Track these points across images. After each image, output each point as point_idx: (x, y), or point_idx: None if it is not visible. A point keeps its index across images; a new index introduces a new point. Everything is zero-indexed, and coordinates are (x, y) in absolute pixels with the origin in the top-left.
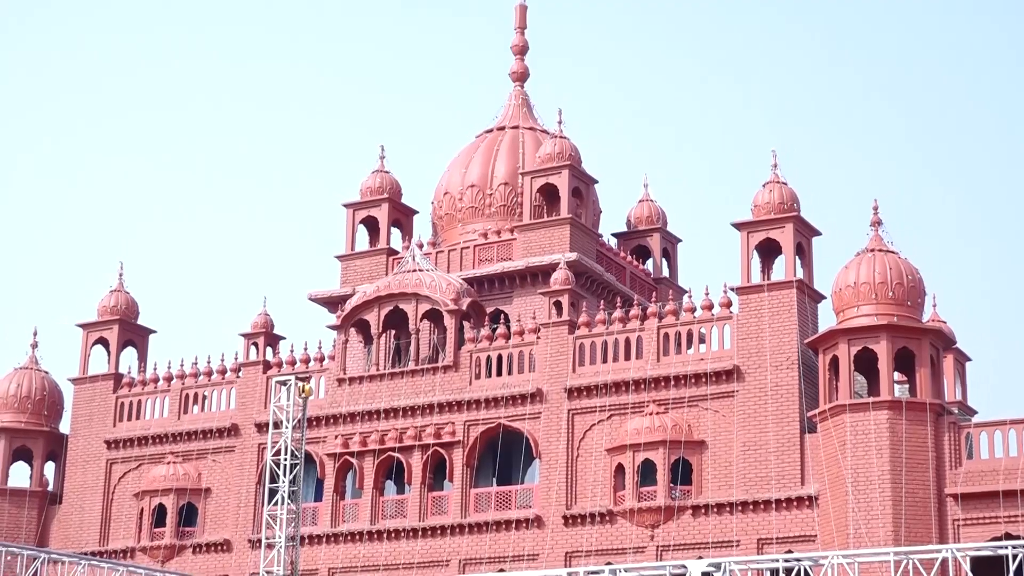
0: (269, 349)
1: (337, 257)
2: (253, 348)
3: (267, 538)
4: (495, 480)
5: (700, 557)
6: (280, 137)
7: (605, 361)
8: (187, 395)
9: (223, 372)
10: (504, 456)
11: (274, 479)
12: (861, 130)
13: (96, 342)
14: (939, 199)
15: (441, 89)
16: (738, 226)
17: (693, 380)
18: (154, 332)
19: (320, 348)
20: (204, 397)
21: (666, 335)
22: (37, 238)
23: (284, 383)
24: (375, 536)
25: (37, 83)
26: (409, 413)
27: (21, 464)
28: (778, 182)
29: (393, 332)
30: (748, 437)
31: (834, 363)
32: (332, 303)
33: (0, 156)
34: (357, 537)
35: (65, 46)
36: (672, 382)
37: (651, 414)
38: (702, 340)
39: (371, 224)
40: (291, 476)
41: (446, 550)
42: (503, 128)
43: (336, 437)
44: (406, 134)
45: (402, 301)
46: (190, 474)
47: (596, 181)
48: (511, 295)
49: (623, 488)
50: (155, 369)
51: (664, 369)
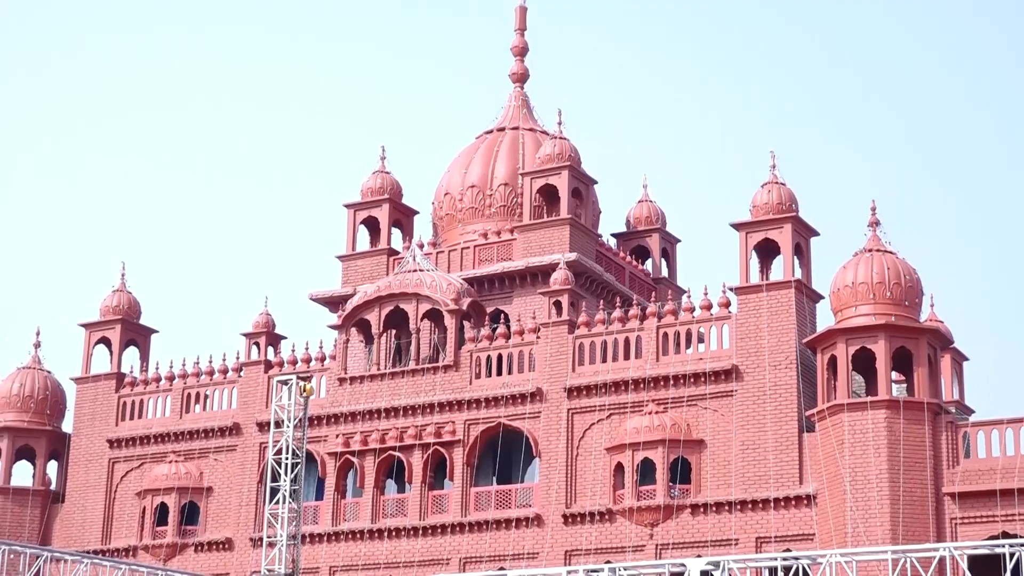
0: (270, 349)
1: (338, 257)
2: (254, 348)
3: (268, 537)
4: (495, 479)
5: (699, 555)
6: (281, 138)
7: (604, 361)
8: (189, 394)
9: (225, 371)
10: (504, 455)
11: (275, 478)
12: (859, 131)
13: (98, 342)
14: (937, 199)
15: (441, 90)
16: (737, 226)
17: (692, 380)
18: (156, 332)
19: (321, 348)
20: (206, 396)
21: (665, 335)
22: (39, 238)
23: (285, 382)
24: (376, 535)
25: (37, 83)
26: (410, 412)
27: (24, 463)
28: (776, 183)
29: (394, 332)
30: (747, 436)
31: (832, 363)
32: (333, 303)
33: (2, 156)
34: (358, 536)
35: (65, 46)
36: (671, 381)
37: (650, 413)
38: (701, 340)
39: (372, 224)
40: (292, 475)
41: (446, 548)
42: (503, 129)
43: (337, 436)
44: (406, 135)
45: (403, 301)
46: (192, 473)
47: (596, 182)
48: (511, 295)
49: (622, 487)
50: (157, 368)
51: (663, 369)
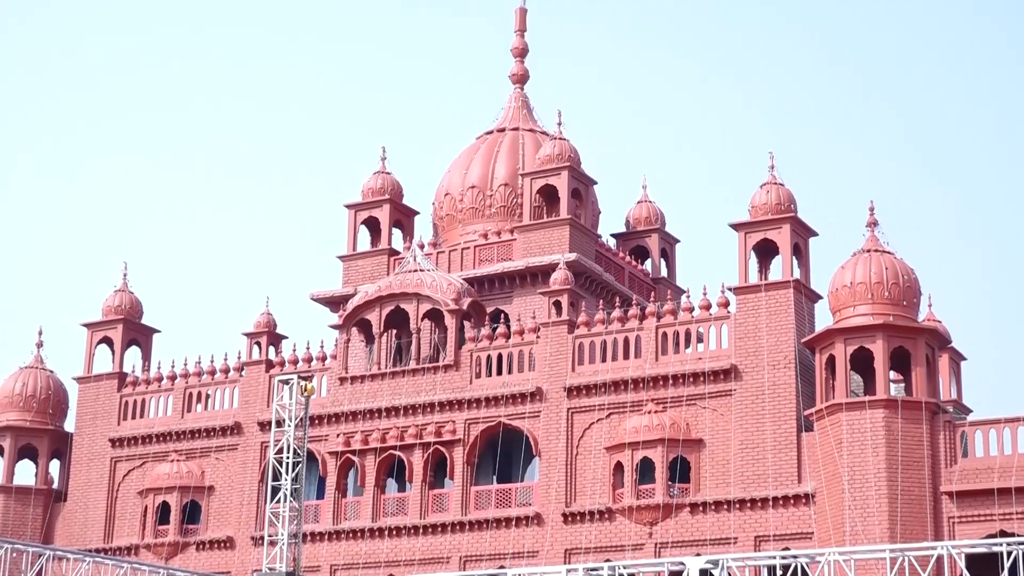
0: (272, 348)
1: (339, 257)
2: (256, 347)
3: (270, 535)
4: (495, 478)
5: (698, 554)
6: (282, 138)
7: (604, 360)
8: (190, 394)
9: (226, 371)
10: (504, 454)
11: (277, 477)
12: (857, 132)
13: (101, 341)
14: (935, 200)
15: (441, 91)
16: (736, 227)
17: (691, 379)
18: (158, 331)
19: (322, 347)
20: (207, 396)
21: (664, 334)
22: (41, 239)
23: (286, 382)
24: (376, 533)
25: (37, 83)
26: (410, 412)
27: (26, 462)
28: (775, 183)
29: (394, 331)
30: (745, 435)
31: (831, 362)
32: (334, 303)
33: (4, 157)
34: (359, 534)
35: (65, 46)
36: (670, 381)
37: (649, 413)
38: (700, 339)
39: (372, 225)
40: (293, 474)
41: (447, 547)
42: (503, 130)
43: (338, 435)
44: (407, 135)
45: (403, 301)
46: (193, 472)
47: (595, 182)
48: (511, 295)
49: (622, 486)
50: (159, 368)
51: (662, 368)
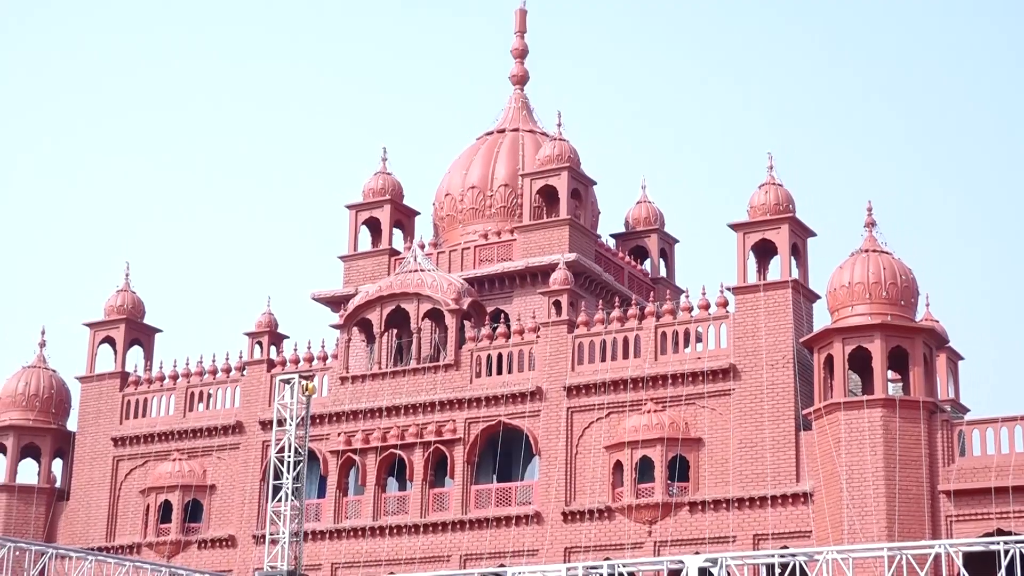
0: (273, 348)
1: (340, 257)
2: (257, 347)
3: (271, 534)
4: (495, 477)
5: (697, 553)
6: (283, 139)
7: (603, 360)
8: (192, 393)
9: (228, 371)
10: (504, 453)
11: (278, 476)
12: (856, 132)
13: (103, 341)
14: (933, 200)
15: (442, 92)
16: (734, 227)
17: (690, 378)
18: (160, 331)
19: (323, 347)
20: (209, 395)
21: (663, 334)
22: (44, 239)
23: (288, 381)
24: (377, 532)
25: (37, 83)
26: (411, 411)
27: (29, 461)
28: (774, 184)
29: (395, 331)
30: (744, 434)
31: (829, 362)
32: (335, 303)
33: (6, 158)
34: (360, 533)
35: (65, 46)
36: (669, 380)
37: (649, 412)
38: (699, 339)
39: (373, 225)
40: (295, 473)
41: (447, 546)
42: (503, 130)
43: (339, 434)
44: (407, 136)
45: (404, 301)
46: (195, 471)
47: (595, 183)
48: (511, 295)
49: (621, 485)
50: (161, 368)
51: (661, 368)
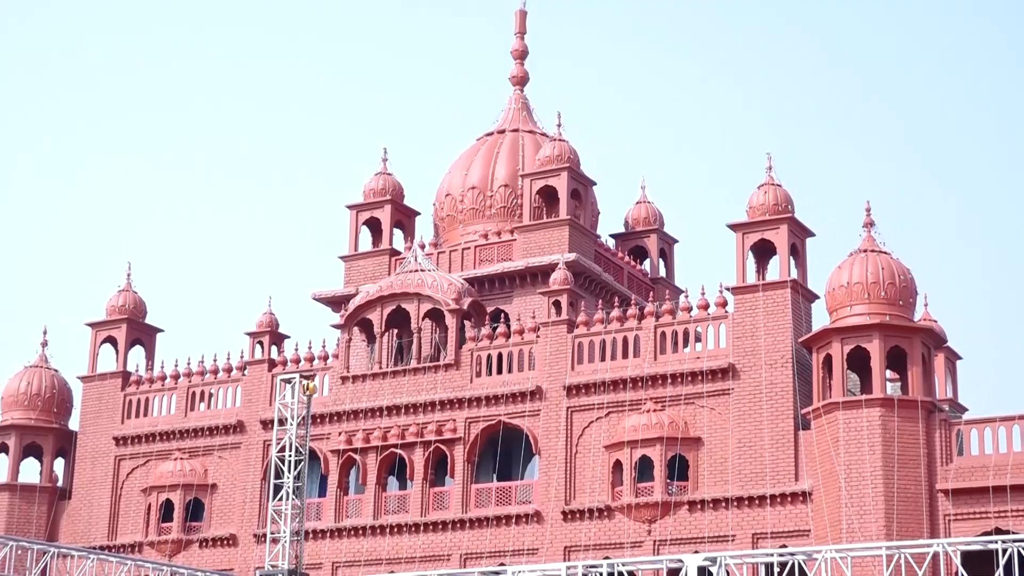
0: (274, 348)
1: (341, 257)
2: (258, 347)
3: (272, 533)
4: (495, 476)
5: (696, 551)
6: (284, 139)
7: (603, 359)
8: (194, 393)
9: (229, 370)
10: (504, 452)
11: (279, 475)
12: (854, 133)
13: (105, 341)
14: (931, 200)
15: (442, 93)
16: (733, 227)
17: (689, 378)
18: (161, 331)
19: (324, 347)
20: (210, 395)
21: (663, 334)
22: (46, 240)
23: (289, 381)
24: (378, 531)
25: (38, 83)
26: (411, 410)
27: (31, 460)
28: (773, 184)
29: (395, 331)
30: (743, 434)
31: (827, 361)
32: (336, 303)
33: (7, 158)
34: (360, 532)
35: (65, 46)
36: (669, 380)
37: (648, 411)
38: (698, 339)
39: (374, 225)
40: (295, 472)
41: (447, 544)
42: (503, 131)
43: (340, 434)
44: (408, 137)
45: (404, 301)
46: (197, 470)
47: (594, 183)
48: (511, 295)
49: (621, 484)
50: (162, 367)
51: (661, 367)
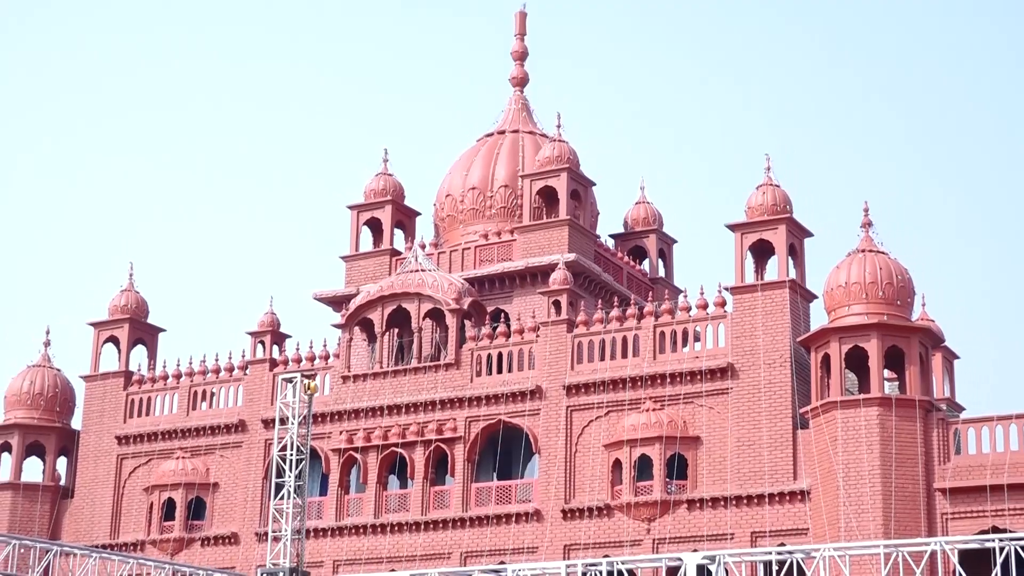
0: (275, 347)
1: (342, 258)
2: (260, 346)
3: (273, 531)
4: (495, 475)
5: (695, 550)
6: (285, 140)
7: (603, 359)
8: (195, 392)
9: (231, 370)
10: (504, 451)
11: (280, 474)
12: (852, 133)
13: (107, 340)
14: (928, 200)
15: (442, 93)
16: (732, 227)
17: (688, 377)
18: (163, 331)
19: (325, 346)
20: (212, 394)
21: (662, 333)
22: (49, 240)
23: (290, 380)
24: (379, 529)
25: (38, 83)
26: (412, 409)
27: (34, 459)
28: (771, 185)
29: (396, 331)
30: (742, 433)
31: (826, 361)
32: (337, 302)
33: (9, 158)
34: (361, 530)
35: (65, 46)
36: (668, 379)
37: (647, 410)
38: (697, 338)
39: (375, 225)
40: (297, 471)
41: (448, 543)
42: (503, 132)
43: (341, 433)
44: (408, 137)
45: (405, 300)
46: (198, 469)
47: (594, 184)
48: (511, 295)
49: (620, 483)
50: (164, 367)
51: (660, 367)
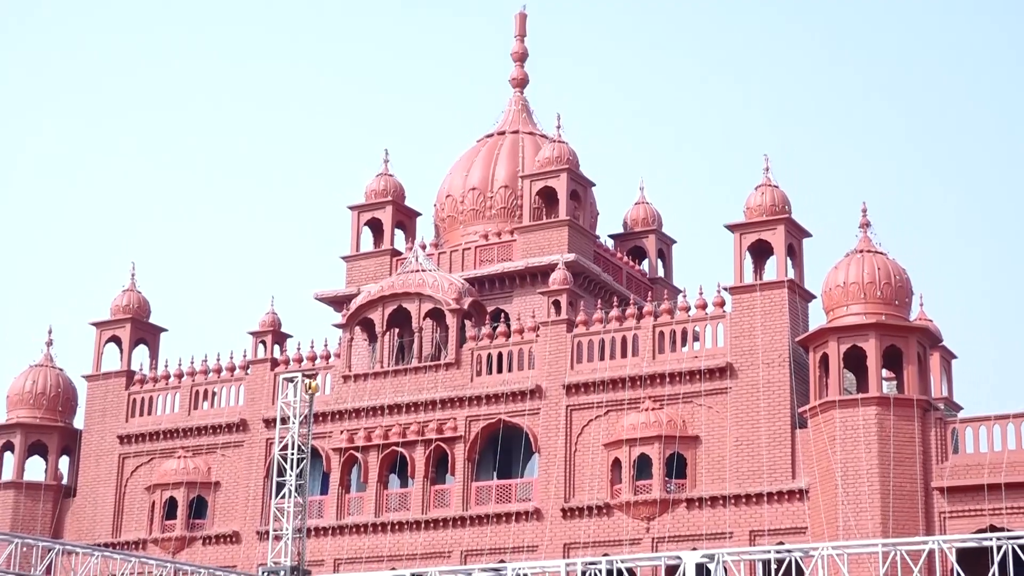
0: (276, 347)
1: (342, 258)
2: (261, 346)
3: (275, 530)
4: (495, 474)
5: (694, 548)
6: (286, 140)
7: (602, 358)
8: (197, 391)
9: (232, 369)
10: (504, 451)
11: (281, 473)
12: (851, 133)
13: (109, 340)
14: (927, 200)
15: (443, 94)
16: (731, 228)
17: (687, 377)
18: (165, 330)
19: (326, 346)
20: (214, 393)
21: (661, 333)
22: (51, 240)
23: (291, 380)
24: (379, 528)
25: (38, 83)
26: (412, 409)
27: (37, 458)
28: (770, 185)
29: (397, 330)
30: (741, 432)
31: (824, 360)
32: (338, 302)
33: (11, 159)
34: (362, 529)
35: (65, 46)
36: (667, 379)
37: (647, 410)
38: (696, 338)
39: (375, 226)
40: (298, 470)
41: (448, 542)
42: (503, 133)
43: (341, 432)
44: (409, 138)
45: (405, 300)
46: (200, 468)
47: (593, 184)
48: (511, 295)
49: (620, 482)
50: (166, 366)
51: (659, 366)
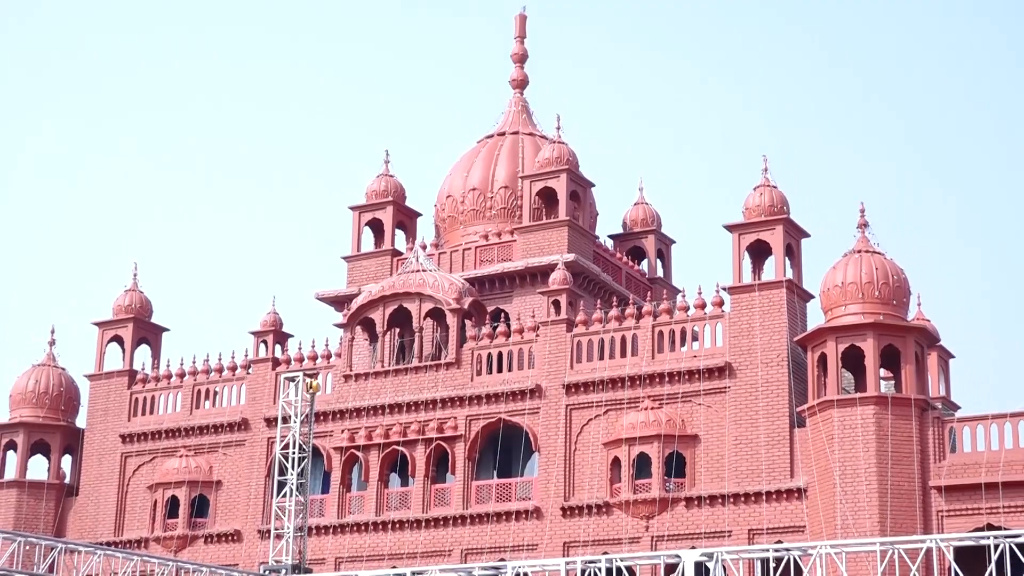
0: (278, 347)
1: (343, 258)
2: (262, 346)
3: (276, 529)
4: (496, 473)
5: (693, 547)
6: (287, 140)
7: (602, 358)
8: (199, 391)
9: (233, 369)
10: (504, 450)
11: (283, 472)
12: (850, 134)
13: (111, 340)
14: (925, 200)
15: (443, 95)
16: (730, 228)
17: (686, 376)
18: (167, 330)
19: (327, 346)
20: (215, 393)
21: (660, 333)
22: (53, 240)
23: (292, 379)
24: (380, 527)
25: (38, 83)
26: (413, 408)
27: (39, 457)
28: (768, 186)
29: (397, 330)
30: (739, 431)
31: (822, 360)
32: (339, 302)
33: (11, 159)
34: (363, 528)
35: (65, 46)
36: (666, 378)
37: (646, 409)
38: (695, 338)
39: (376, 226)
40: (299, 469)
41: (448, 540)
42: (503, 134)
43: (342, 431)
44: (409, 139)
45: (406, 300)
46: (202, 467)
47: (593, 184)
48: (511, 294)
49: (619, 480)
50: (168, 366)
51: (658, 366)
